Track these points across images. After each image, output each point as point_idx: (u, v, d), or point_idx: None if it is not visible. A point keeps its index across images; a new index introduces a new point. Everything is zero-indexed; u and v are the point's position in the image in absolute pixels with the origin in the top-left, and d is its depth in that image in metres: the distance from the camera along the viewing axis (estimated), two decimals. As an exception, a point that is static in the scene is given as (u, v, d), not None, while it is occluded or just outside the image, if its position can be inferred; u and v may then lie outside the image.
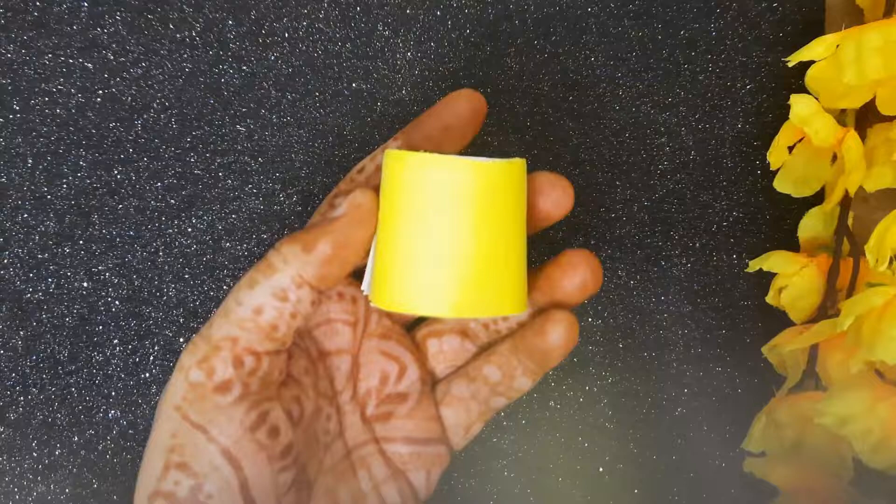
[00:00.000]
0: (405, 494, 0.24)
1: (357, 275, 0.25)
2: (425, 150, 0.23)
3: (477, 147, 0.34)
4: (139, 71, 0.33)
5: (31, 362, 0.34)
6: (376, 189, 0.23)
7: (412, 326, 0.27)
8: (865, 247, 0.25)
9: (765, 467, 0.30)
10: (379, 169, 0.24)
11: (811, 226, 0.32)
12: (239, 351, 0.20)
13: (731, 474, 0.36)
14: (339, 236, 0.21)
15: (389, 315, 0.26)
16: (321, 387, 0.24)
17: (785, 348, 0.29)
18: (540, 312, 0.25)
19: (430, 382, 0.26)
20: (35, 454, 0.35)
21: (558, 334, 0.23)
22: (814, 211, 0.32)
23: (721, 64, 0.34)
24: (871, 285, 0.26)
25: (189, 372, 0.20)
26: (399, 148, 0.24)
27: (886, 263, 0.25)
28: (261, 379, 0.21)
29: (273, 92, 0.33)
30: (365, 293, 0.23)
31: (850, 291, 0.30)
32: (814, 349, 0.30)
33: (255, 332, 0.21)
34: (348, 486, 0.24)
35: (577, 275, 0.23)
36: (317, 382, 0.24)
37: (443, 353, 0.26)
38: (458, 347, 0.26)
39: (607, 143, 0.35)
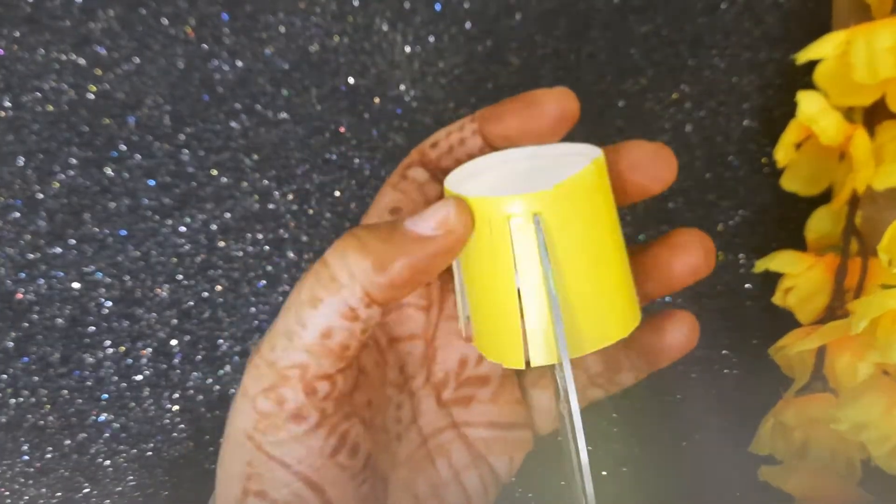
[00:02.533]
0: (487, 481, 0.23)
1: None
2: (502, 147, 0.21)
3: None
4: (132, 66, 0.32)
5: (21, 364, 0.33)
6: (444, 172, 0.21)
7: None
8: (878, 247, 0.25)
9: (780, 475, 0.29)
10: (451, 151, 0.22)
11: (819, 225, 0.32)
12: (310, 378, 0.18)
13: (737, 477, 0.36)
14: (420, 262, 0.18)
15: None
16: (390, 376, 0.22)
17: (792, 350, 0.29)
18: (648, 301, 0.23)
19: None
20: (26, 457, 0.34)
21: (680, 334, 0.22)
22: (821, 210, 0.32)
23: (727, 60, 0.34)
24: (887, 287, 0.25)
25: (256, 400, 0.19)
26: (475, 133, 0.22)
27: (900, 264, 0.25)
28: (336, 400, 0.19)
29: (268, 88, 0.33)
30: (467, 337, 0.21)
31: (859, 292, 0.30)
32: (821, 350, 0.30)
33: (326, 357, 0.18)
34: (426, 476, 0.22)
35: (689, 257, 0.21)
36: (385, 373, 0.22)
37: None
38: None
39: (610, 140, 0.34)
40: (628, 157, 0.20)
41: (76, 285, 0.33)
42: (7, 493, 0.34)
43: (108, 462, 0.35)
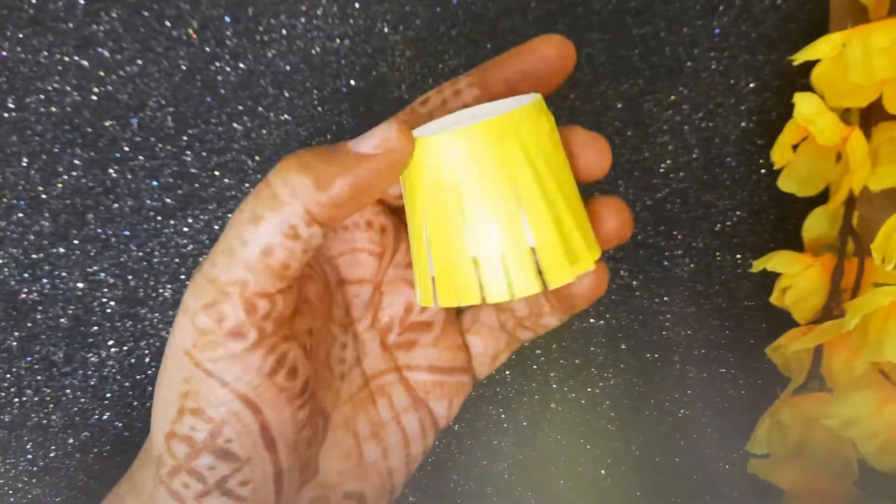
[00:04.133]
0: (425, 423, 0.24)
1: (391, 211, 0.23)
2: (501, 95, 0.22)
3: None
4: (135, 68, 0.32)
5: (25, 364, 0.34)
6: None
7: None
8: (871, 245, 0.25)
9: (769, 469, 0.29)
10: (444, 104, 0.22)
11: (815, 225, 0.32)
12: (250, 295, 0.19)
13: (734, 476, 0.36)
14: (361, 180, 0.18)
15: None
16: (336, 314, 0.23)
17: (789, 349, 0.29)
18: None
19: (456, 312, 0.25)
20: (30, 456, 0.34)
21: (585, 282, 0.22)
22: (818, 210, 0.32)
23: (724, 62, 0.34)
24: (878, 285, 0.26)
25: (195, 316, 0.19)
26: (471, 85, 0.22)
27: (893, 263, 0.25)
28: (275, 320, 0.19)
29: (270, 90, 0.33)
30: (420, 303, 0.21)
31: (855, 292, 0.30)
32: (818, 350, 0.30)
33: (266, 275, 0.19)
34: (367, 416, 0.23)
35: (608, 222, 0.21)
36: (331, 309, 0.23)
37: None
38: None
39: (609, 141, 0.34)
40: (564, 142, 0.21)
41: (80, 285, 0.33)
42: (10, 491, 0.35)
43: (111, 461, 0.35)
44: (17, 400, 0.34)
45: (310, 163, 0.18)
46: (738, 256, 0.35)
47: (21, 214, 0.33)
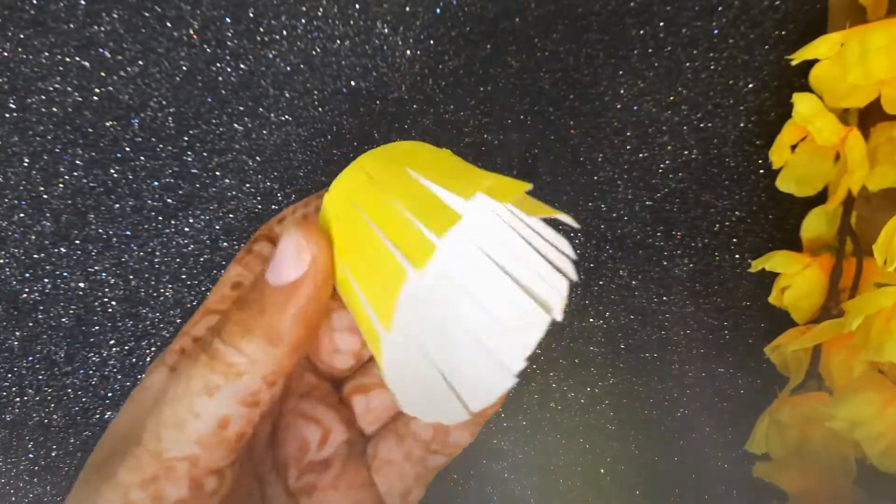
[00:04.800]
0: None
1: None
2: None
3: (477, 147, 0.34)
4: (136, 69, 0.32)
5: (27, 363, 0.34)
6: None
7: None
8: (874, 246, 0.25)
9: (774, 472, 0.29)
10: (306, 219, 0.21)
11: (814, 225, 0.32)
12: (199, 473, 0.17)
13: (733, 475, 0.36)
14: (309, 308, 0.17)
15: (315, 370, 0.22)
16: (241, 458, 0.20)
17: (788, 348, 0.29)
18: None
19: (361, 444, 0.23)
20: (31, 455, 0.34)
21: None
22: (817, 210, 0.32)
23: (723, 62, 0.34)
24: (880, 285, 0.26)
25: (130, 491, 0.16)
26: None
27: (895, 264, 0.25)
28: (221, 497, 0.17)
29: (271, 90, 0.33)
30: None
31: (854, 291, 0.30)
32: (816, 349, 0.30)
33: (220, 448, 0.17)
34: None
35: None
36: (239, 454, 0.20)
37: (371, 410, 0.22)
38: (389, 403, 0.22)
39: (608, 141, 0.35)
40: None
41: (81, 285, 0.33)
42: (12, 490, 0.35)
43: (112, 460, 0.35)
44: (18, 399, 0.34)
45: (250, 323, 0.17)
46: (737, 256, 0.36)
47: (22, 214, 0.33)
